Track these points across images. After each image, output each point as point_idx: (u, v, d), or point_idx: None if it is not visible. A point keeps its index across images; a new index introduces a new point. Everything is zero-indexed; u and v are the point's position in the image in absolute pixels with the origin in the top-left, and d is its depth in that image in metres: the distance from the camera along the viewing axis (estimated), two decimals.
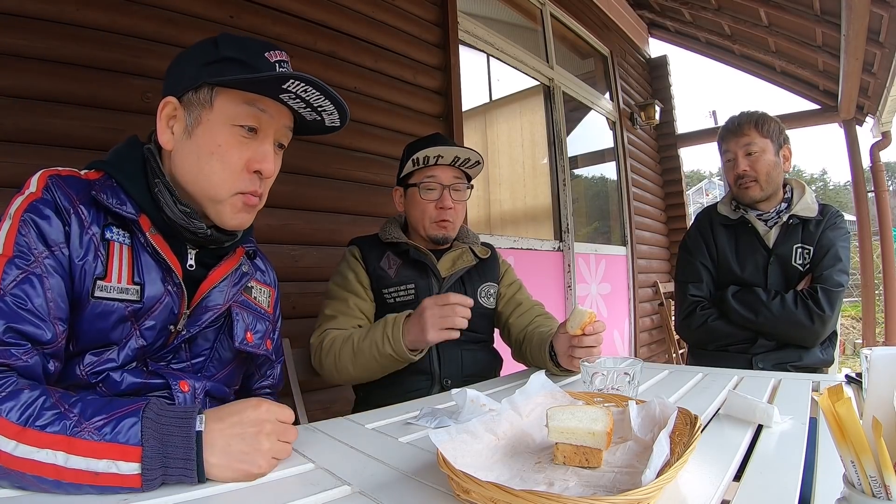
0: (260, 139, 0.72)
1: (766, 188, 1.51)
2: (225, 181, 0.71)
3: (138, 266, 0.68)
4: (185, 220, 0.70)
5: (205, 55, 0.70)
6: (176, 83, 0.71)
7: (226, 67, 0.68)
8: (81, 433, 0.52)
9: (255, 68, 0.69)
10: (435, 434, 0.55)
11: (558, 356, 1.12)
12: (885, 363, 0.40)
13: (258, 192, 0.74)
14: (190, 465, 0.54)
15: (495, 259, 1.41)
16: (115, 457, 0.52)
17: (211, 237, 0.73)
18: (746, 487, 0.54)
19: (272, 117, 0.72)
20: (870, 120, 4.24)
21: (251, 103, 0.70)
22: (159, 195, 0.69)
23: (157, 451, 0.53)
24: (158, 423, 0.54)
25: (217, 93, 0.69)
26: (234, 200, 0.72)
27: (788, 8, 3.44)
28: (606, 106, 4.19)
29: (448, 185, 1.27)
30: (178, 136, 0.71)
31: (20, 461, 0.51)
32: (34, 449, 0.51)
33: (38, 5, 1.35)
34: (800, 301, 1.45)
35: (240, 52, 0.70)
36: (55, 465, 0.51)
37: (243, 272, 0.81)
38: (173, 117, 0.71)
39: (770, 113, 1.57)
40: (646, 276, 4.45)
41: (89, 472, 0.51)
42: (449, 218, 1.28)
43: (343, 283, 1.26)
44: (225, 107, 0.69)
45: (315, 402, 1.79)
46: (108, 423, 0.53)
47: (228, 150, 0.70)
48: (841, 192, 30.26)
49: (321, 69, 1.99)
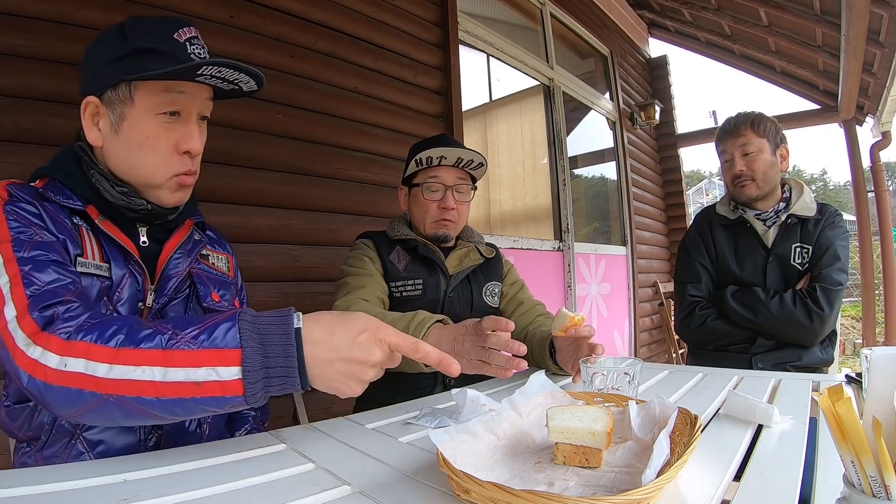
0: (183, 120, 0.75)
1: (762, 187, 1.52)
2: (159, 168, 0.74)
3: (103, 248, 0.72)
4: (125, 199, 0.74)
5: (115, 49, 0.71)
6: (93, 81, 0.72)
7: (139, 60, 0.70)
8: (178, 344, 0.52)
9: (167, 54, 0.70)
10: (435, 434, 0.55)
11: (558, 353, 1.12)
12: (885, 363, 0.40)
13: (192, 171, 0.77)
14: (291, 362, 0.53)
15: (499, 259, 1.42)
16: (215, 363, 0.51)
17: (153, 211, 0.77)
18: (746, 487, 0.54)
19: (192, 96, 0.74)
20: (870, 120, 4.24)
21: (169, 90, 0.72)
22: (97, 184, 0.73)
23: (257, 351, 0.52)
24: (255, 325, 0.53)
25: (135, 87, 0.71)
26: (171, 183, 0.76)
27: (788, 8, 3.44)
28: (606, 106, 4.19)
29: (451, 186, 1.28)
30: (105, 133, 0.73)
31: (117, 383, 0.50)
32: (130, 368, 0.50)
33: (38, 5, 1.35)
34: (799, 300, 1.46)
35: (149, 39, 0.71)
36: (153, 382, 0.50)
37: (195, 240, 0.85)
38: (97, 114, 0.73)
39: (769, 113, 1.57)
40: (646, 276, 4.45)
41: (190, 383, 0.51)
42: (451, 218, 1.28)
43: (360, 264, 1.25)
44: (145, 99, 0.71)
45: (315, 401, 1.79)
46: (204, 330, 0.52)
47: (156, 138, 0.73)
48: (841, 192, 30.26)
49: (321, 69, 1.99)
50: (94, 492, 0.54)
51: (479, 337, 0.86)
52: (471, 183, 1.34)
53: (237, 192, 1.72)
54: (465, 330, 0.89)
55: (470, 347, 0.87)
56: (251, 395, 0.53)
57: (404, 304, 1.25)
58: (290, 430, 0.80)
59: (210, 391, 0.51)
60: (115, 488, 0.55)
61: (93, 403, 0.52)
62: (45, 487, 0.54)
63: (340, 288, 1.22)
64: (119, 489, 0.55)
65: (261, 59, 1.81)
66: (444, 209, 1.28)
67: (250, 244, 1.74)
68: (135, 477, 0.58)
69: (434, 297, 1.27)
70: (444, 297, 1.28)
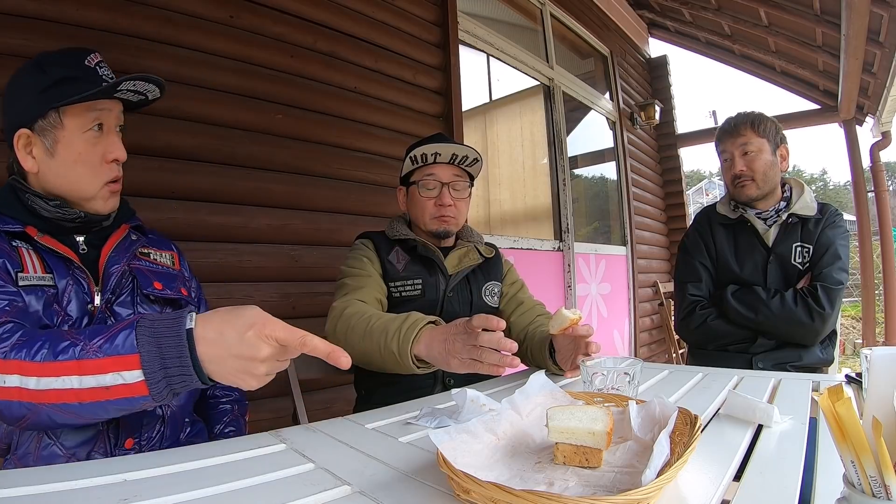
0: (106, 132, 0.85)
1: (762, 187, 1.52)
2: (93, 180, 0.83)
3: (45, 261, 0.79)
4: (59, 211, 0.82)
5: (37, 83, 0.80)
6: (21, 115, 0.81)
7: (60, 88, 0.79)
8: (87, 354, 0.58)
9: (83, 79, 0.81)
10: (435, 434, 0.55)
11: (557, 353, 1.12)
12: (885, 363, 0.40)
13: (119, 177, 0.87)
14: (185, 362, 0.57)
15: (499, 258, 1.42)
16: (119, 368, 0.57)
17: (88, 219, 0.85)
18: (746, 487, 0.54)
19: (110, 111, 0.85)
20: (870, 120, 4.24)
21: (91, 108, 0.83)
22: (33, 204, 0.81)
23: (154, 354, 0.57)
24: (152, 329, 0.58)
25: (63, 112, 0.80)
26: (103, 192, 0.85)
27: (788, 8, 3.44)
28: (606, 106, 4.19)
29: (447, 183, 1.28)
30: (40, 159, 0.81)
31: (45, 393, 0.57)
32: (52, 379, 0.57)
33: (38, 5, 1.35)
34: (799, 299, 1.45)
35: (65, 69, 0.81)
36: (73, 389, 0.57)
37: (132, 240, 0.93)
38: (29, 144, 0.81)
39: (769, 113, 1.57)
40: (646, 276, 4.45)
41: (101, 388, 0.57)
42: (449, 214, 1.28)
43: (360, 265, 1.25)
44: (73, 121, 0.81)
45: (315, 402, 1.79)
46: (107, 339, 0.58)
47: (88, 153, 0.82)
48: (841, 192, 30.26)
49: (321, 69, 1.99)
50: (94, 492, 0.54)
51: (470, 335, 0.85)
52: (468, 180, 1.34)
53: (237, 192, 1.72)
54: (455, 329, 0.89)
55: (461, 346, 0.86)
56: (157, 393, 0.58)
57: (404, 305, 1.25)
58: (290, 430, 0.80)
59: (120, 393, 0.57)
60: (115, 488, 0.55)
61: (32, 412, 0.59)
62: (44, 487, 0.54)
63: (339, 289, 1.23)
64: (119, 489, 0.55)
65: (261, 59, 1.81)
66: (440, 206, 1.27)
67: (250, 244, 1.74)
68: (135, 477, 0.58)
69: (433, 297, 1.26)
70: (444, 297, 1.27)
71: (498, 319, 0.84)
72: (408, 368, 0.96)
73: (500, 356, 0.84)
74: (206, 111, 1.67)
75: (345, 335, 1.08)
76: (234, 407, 1.08)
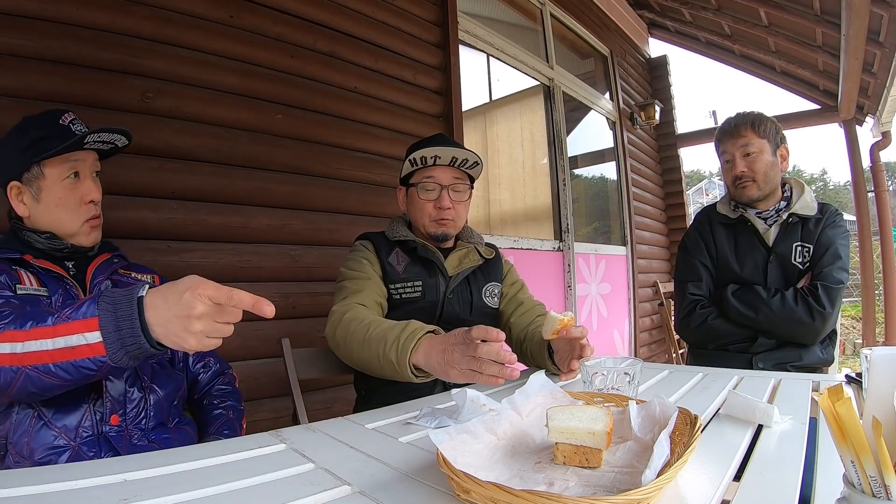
0: (82, 178, 1.00)
1: (763, 188, 1.52)
2: (73, 220, 0.99)
3: (40, 279, 0.94)
4: (50, 243, 0.98)
5: (20, 143, 0.95)
6: (10, 170, 0.96)
7: (39, 145, 0.94)
8: (59, 320, 0.69)
9: (58, 136, 0.94)
10: (435, 434, 0.55)
11: (556, 354, 1.13)
12: (885, 363, 0.40)
13: (97, 215, 1.02)
14: (135, 324, 0.66)
15: (499, 259, 1.42)
16: (81, 330, 0.67)
17: (73, 249, 1.01)
18: (746, 487, 0.54)
19: (83, 161, 1.00)
20: (870, 120, 4.24)
21: (67, 160, 0.97)
22: (29, 239, 0.97)
23: (111, 318, 0.67)
24: (111, 298, 0.69)
25: (43, 165, 0.95)
26: (84, 228, 1.00)
27: (788, 8, 3.44)
28: (606, 106, 4.19)
29: (447, 186, 1.28)
30: (30, 205, 0.97)
31: (27, 355, 0.68)
32: (33, 342, 0.68)
33: (38, 5, 1.35)
34: (800, 298, 1.45)
35: (42, 129, 0.96)
36: (47, 350, 0.68)
37: (113, 262, 1.07)
38: (20, 193, 0.97)
39: (769, 113, 1.57)
40: (646, 276, 4.45)
41: (68, 348, 0.68)
42: (448, 217, 1.28)
43: (359, 267, 1.25)
44: (53, 172, 0.96)
45: (315, 402, 1.79)
46: (75, 309, 0.69)
47: (67, 198, 0.97)
48: (841, 192, 30.26)
49: (321, 69, 1.99)
50: (94, 492, 0.54)
51: (469, 346, 0.85)
52: (468, 182, 1.33)
53: (237, 192, 1.72)
54: (454, 339, 0.88)
55: (459, 357, 0.86)
56: (113, 353, 0.67)
57: (404, 306, 1.25)
58: (290, 430, 0.80)
59: (83, 353, 0.68)
60: (115, 488, 0.55)
61: (17, 376, 0.69)
62: (44, 487, 0.54)
63: (339, 292, 1.22)
64: (119, 489, 0.55)
65: (261, 59, 1.81)
66: (440, 209, 1.27)
67: (250, 244, 1.74)
68: (135, 477, 0.58)
69: (433, 298, 1.26)
70: (444, 299, 1.27)
71: (497, 331, 0.84)
72: (406, 377, 0.96)
73: (499, 367, 0.83)
74: (206, 111, 1.67)
75: (344, 340, 1.08)
76: (230, 413, 1.10)
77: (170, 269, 1.53)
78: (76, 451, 0.86)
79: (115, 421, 0.91)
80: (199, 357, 1.16)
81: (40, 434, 0.85)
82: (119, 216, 1.44)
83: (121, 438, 0.90)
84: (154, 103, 1.55)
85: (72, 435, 0.86)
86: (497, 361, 0.83)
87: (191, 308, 0.65)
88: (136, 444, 0.92)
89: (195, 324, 0.65)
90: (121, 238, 1.43)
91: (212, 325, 0.67)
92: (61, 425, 0.86)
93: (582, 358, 1.04)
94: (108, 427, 0.90)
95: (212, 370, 1.17)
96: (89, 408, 0.90)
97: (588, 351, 1.05)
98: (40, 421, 0.85)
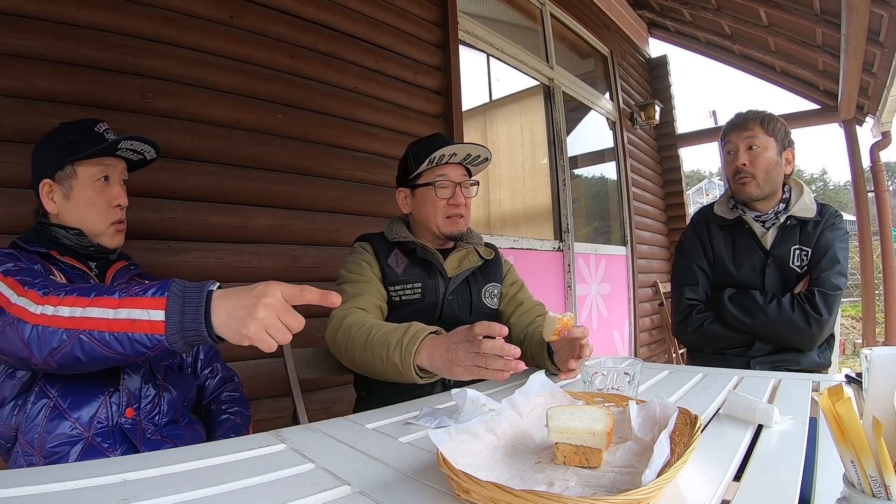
0: (111, 183, 1.04)
1: (763, 187, 1.49)
2: (101, 220, 1.03)
3: (66, 275, 0.98)
4: (78, 240, 1.01)
5: (57, 144, 1.00)
6: (45, 168, 1.00)
7: (75, 147, 0.99)
8: (127, 294, 0.72)
9: (93, 141, 0.99)
10: (435, 434, 0.55)
11: (555, 354, 1.13)
12: (885, 363, 0.40)
13: (122, 219, 1.07)
14: (200, 311, 0.69)
15: (498, 260, 1.42)
16: (147, 306, 0.70)
17: (98, 249, 1.04)
18: (746, 487, 0.54)
19: (114, 167, 1.05)
20: (870, 120, 4.24)
21: (99, 163, 1.02)
22: (56, 235, 1.00)
23: (177, 303, 0.70)
24: (182, 284, 0.72)
25: (77, 165, 1.00)
26: (110, 230, 1.05)
27: (788, 8, 3.44)
28: (606, 106, 4.19)
29: (459, 183, 1.29)
30: (59, 203, 1.01)
31: (84, 321, 0.71)
32: (94, 308, 0.71)
33: (38, 5, 1.35)
34: (797, 304, 1.43)
35: (79, 133, 1.01)
36: (107, 319, 0.71)
37: (130, 268, 1.12)
38: (51, 191, 1.01)
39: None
40: (646, 276, 4.45)
41: (129, 321, 0.70)
42: (462, 213, 1.30)
43: (359, 270, 1.25)
44: (85, 173, 1.01)
45: (315, 402, 1.79)
46: (144, 290, 0.72)
47: (96, 199, 1.02)
48: (841, 192, 30.26)
49: (321, 69, 1.99)
50: (94, 492, 0.54)
51: (473, 343, 0.86)
52: (474, 179, 1.35)
53: (237, 192, 1.72)
54: (457, 338, 0.89)
55: (464, 355, 0.87)
56: (171, 334, 0.69)
57: (403, 308, 1.25)
58: (290, 430, 0.80)
59: (142, 328, 0.70)
60: (115, 488, 0.55)
61: (67, 340, 0.71)
62: (45, 487, 0.54)
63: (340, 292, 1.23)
64: (119, 489, 0.55)
65: (261, 59, 1.81)
66: (454, 206, 1.28)
67: (250, 244, 1.74)
68: (135, 477, 0.59)
69: (433, 300, 1.26)
70: (443, 300, 1.27)
71: (500, 326, 0.84)
72: (411, 379, 0.97)
73: (504, 361, 0.84)
74: (206, 111, 1.67)
75: (345, 345, 1.09)
76: (237, 418, 1.13)
77: (170, 270, 1.54)
78: (89, 442, 0.88)
79: (129, 414, 0.94)
80: (206, 363, 1.19)
81: (55, 424, 0.87)
82: None
83: (135, 431, 0.93)
84: (154, 103, 1.55)
85: (87, 425, 0.89)
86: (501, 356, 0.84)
87: (261, 295, 0.68)
88: (150, 437, 0.94)
89: (260, 310, 0.67)
90: None
91: (274, 320, 0.68)
92: (77, 416, 0.89)
93: (581, 358, 1.04)
94: (124, 419, 0.93)
95: (219, 376, 1.19)
96: (105, 399, 0.92)
97: (587, 351, 1.05)
98: (55, 411, 0.88)
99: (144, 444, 0.92)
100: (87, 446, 0.88)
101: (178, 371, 1.11)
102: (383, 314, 1.23)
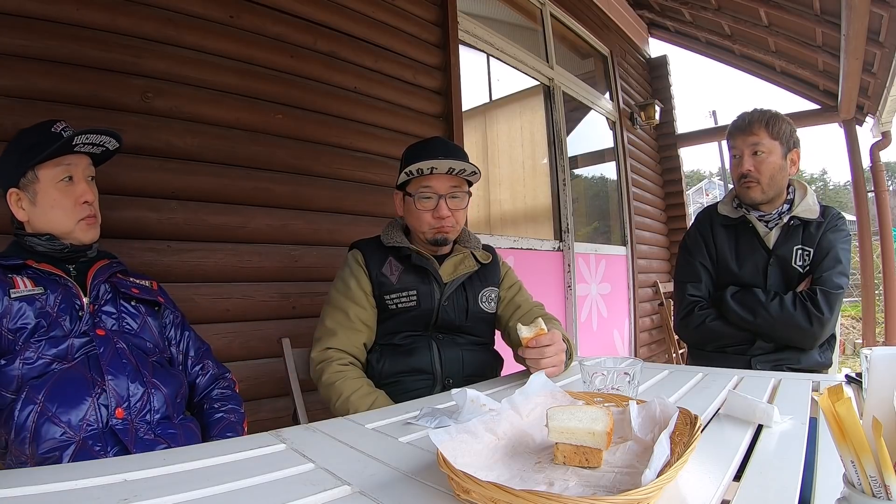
0: (76, 181, 1.04)
1: (767, 191, 1.50)
2: (68, 219, 1.03)
3: (38, 281, 0.98)
4: (50, 244, 1.02)
5: (17, 150, 1.01)
6: (9, 177, 1.01)
7: (32, 151, 0.99)
8: None
9: (49, 142, 0.99)
10: (435, 434, 0.55)
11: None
12: (885, 363, 0.40)
13: (93, 213, 1.06)
14: None
15: (496, 263, 1.40)
16: None
17: (73, 249, 1.05)
18: (746, 487, 0.54)
19: (76, 165, 1.04)
20: (870, 120, 4.24)
21: (60, 164, 1.01)
22: (30, 243, 1.01)
23: None
24: None
25: (37, 169, 1.00)
26: (80, 225, 1.04)
27: (788, 8, 3.44)
28: (606, 106, 4.19)
29: (444, 195, 1.25)
30: (28, 210, 1.02)
31: None
32: None
33: (38, 5, 1.35)
34: (798, 303, 1.44)
35: (36, 137, 1.00)
36: None
37: (112, 266, 1.11)
38: (19, 199, 1.01)
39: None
40: (646, 276, 4.45)
41: None
42: (447, 224, 1.26)
43: (344, 291, 1.25)
44: (46, 175, 1.01)
45: (315, 402, 1.78)
46: None
47: (61, 200, 1.02)
48: (841, 192, 30.23)
49: (321, 69, 1.99)
50: (93, 492, 0.54)
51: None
52: (466, 188, 1.31)
53: (237, 192, 1.72)
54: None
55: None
56: None
57: (399, 316, 1.25)
58: (290, 430, 0.80)
59: None
60: (115, 488, 0.55)
61: None
62: (44, 487, 0.54)
63: (322, 318, 1.26)
64: (119, 489, 0.55)
65: (261, 59, 1.81)
66: (438, 218, 1.25)
67: (250, 244, 1.74)
68: (135, 477, 0.59)
69: (428, 306, 1.25)
70: (439, 306, 1.26)
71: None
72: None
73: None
74: (206, 111, 1.67)
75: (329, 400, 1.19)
76: (231, 416, 1.12)
77: (170, 270, 1.54)
78: (81, 445, 0.87)
79: (120, 414, 0.93)
80: (196, 360, 1.17)
81: (44, 430, 0.86)
82: (119, 216, 1.44)
83: (127, 432, 0.92)
84: (154, 103, 1.55)
85: (77, 429, 0.88)
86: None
87: None
88: (143, 437, 0.93)
89: None
90: (121, 238, 1.44)
91: None
92: (66, 420, 0.88)
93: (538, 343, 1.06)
94: (115, 420, 0.92)
95: (209, 373, 1.18)
96: (93, 401, 0.91)
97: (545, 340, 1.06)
98: (44, 416, 0.87)
99: (137, 445, 0.90)
100: (79, 450, 0.87)
101: (168, 367, 1.10)
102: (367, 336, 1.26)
